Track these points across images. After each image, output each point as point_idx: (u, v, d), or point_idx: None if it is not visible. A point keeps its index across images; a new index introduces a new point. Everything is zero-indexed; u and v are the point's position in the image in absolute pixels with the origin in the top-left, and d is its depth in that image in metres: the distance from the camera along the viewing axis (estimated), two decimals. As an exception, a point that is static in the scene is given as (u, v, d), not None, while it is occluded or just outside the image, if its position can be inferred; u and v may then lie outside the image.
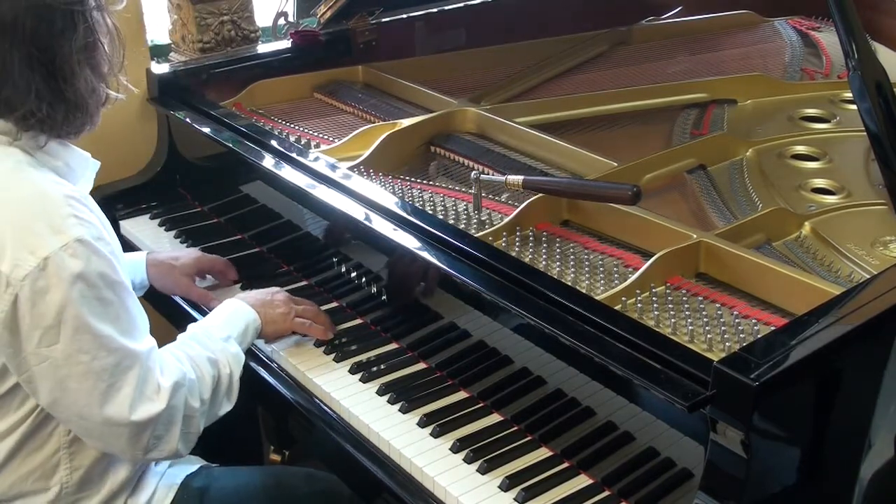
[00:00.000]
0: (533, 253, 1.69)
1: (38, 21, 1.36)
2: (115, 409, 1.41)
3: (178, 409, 1.48)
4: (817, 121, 2.22)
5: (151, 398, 1.45)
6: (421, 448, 1.53)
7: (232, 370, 1.60)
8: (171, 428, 1.48)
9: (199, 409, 1.53)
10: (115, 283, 1.42)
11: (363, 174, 1.94)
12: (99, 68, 1.45)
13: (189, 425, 1.51)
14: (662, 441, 1.40)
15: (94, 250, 1.38)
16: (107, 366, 1.40)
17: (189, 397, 1.51)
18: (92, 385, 1.40)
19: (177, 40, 2.66)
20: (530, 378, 1.56)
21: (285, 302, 1.76)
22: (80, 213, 1.40)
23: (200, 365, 1.55)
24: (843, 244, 1.69)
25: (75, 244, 1.36)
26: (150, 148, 2.38)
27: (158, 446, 1.48)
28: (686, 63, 2.55)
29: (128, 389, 1.42)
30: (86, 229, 1.39)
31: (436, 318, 1.72)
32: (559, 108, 2.25)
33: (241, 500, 1.67)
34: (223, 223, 2.26)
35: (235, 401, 1.62)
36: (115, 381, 1.41)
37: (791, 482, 1.35)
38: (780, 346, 1.27)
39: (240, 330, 1.67)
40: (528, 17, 2.74)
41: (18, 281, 1.35)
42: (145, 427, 1.45)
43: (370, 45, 2.55)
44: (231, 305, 1.72)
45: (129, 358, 1.42)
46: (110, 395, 1.41)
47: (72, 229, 1.37)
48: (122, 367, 1.41)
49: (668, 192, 1.92)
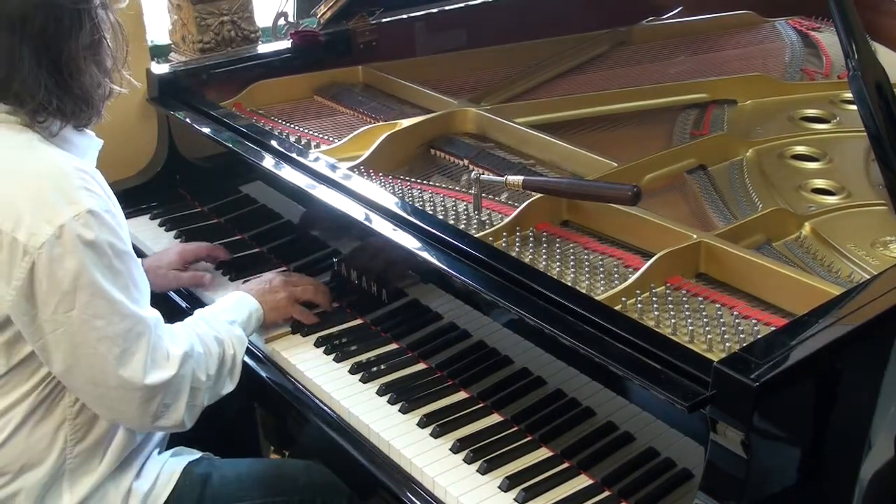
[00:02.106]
0: (533, 253, 1.69)
1: (47, 19, 1.42)
2: (130, 372, 1.46)
3: (186, 379, 1.53)
4: (817, 121, 2.22)
5: (162, 365, 1.50)
6: (421, 448, 1.53)
7: (236, 351, 1.65)
8: (179, 396, 1.53)
9: (205, 384, 1.57)
10: (123, 253, 1.47)
11: (363, 174, 1.94)
12: (104, 64, 1.51)
13: (195, 397, 1.56)
14: (662, 441, 1.40)
15: (104, 221, 1.44)
16: (120, 331, 1.45)
17: (196, 369, 1.56)
18: (107, 349, 1.45)
19: (177, 40, 2.66)
20: (530, 378, 1.56)
21: (284, 286, 1.82)
22: (90, 186, 1.46)
23: (207, 342, 1.60)
24: (843, 244, 1.69)
25: (87, 215, 1.42)
26: (150, 148, 2.38)
27: (166, 414, 1.53)
28: (686, 63, 2.55)
29: (141, 354, 1.47)
30: (96, 201, 1.44)
31: (436, 318, 1.72)
32: (559, 109, 2.25)
33: (241, 487, 1.70)
34: (223, 223, 2.26)
35: (237, 381, 1.66)
36: (129, 345, 1.46)
37: (791, 482, 1.35)
38: (780, 346, 1.27)
39: (244, 317, 1.73)
40: (529, 18, 2.74)
41: (36, 249, 1.40)
42: (156, 392, 1.49)
43: (370, 45, 2.55)
44: (235, 295, 1.78)
45: (141, 324, 1.48)
46: (125, 359, 1.46)
47: (84, 200, 1.43)
48: (134, 333, 1.47)
49: (668, 193, 1.92)
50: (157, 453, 1.69)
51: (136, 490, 1.62)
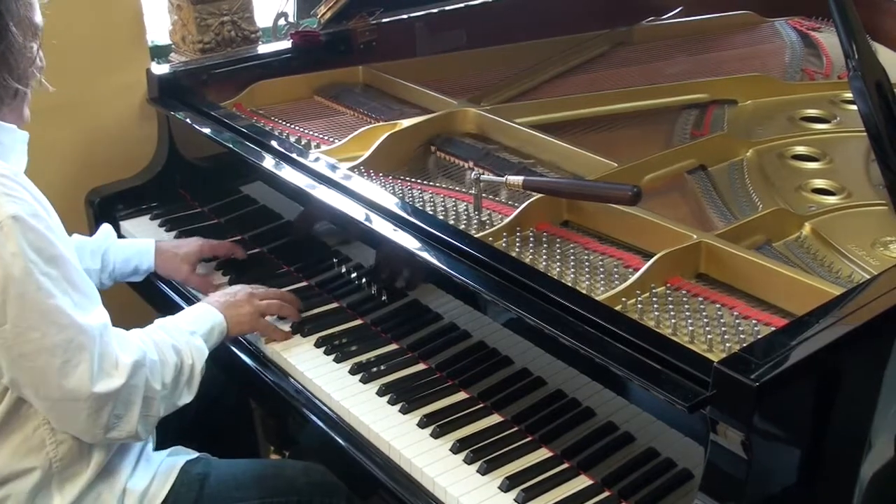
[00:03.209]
0: (533, 253, 1.69)
1: None
2: (75, 382, 1.42)
3: (138, 388, 1.49)
4: (817, 121, 2.22)
5: (110, 373, 1.45)
6: (421, 448, 1.53)
7: (195, 362, 1.61)
8: (130, 407, 1.49)
9: (160, 393, 1.53)
10: (55, 258, 1.42)
11: (363, 175, 1.94)
12: (7, 60, 1.46)
13: (149, 407, 1.52)
14: (663, 442, 1.40)
15: (30, 227, 1.39)
16: (59, 342, 1.41)
17: (150, 378, 1.51)
18: (45, 362, 1.41)
19: (177, 41, 2.66)
20: (530, 378, 1.56)
21: (248, 300, 1.79)
22: (11, 192, 1.40)
23: (164, 350, 1.57)
24: (843, 245, 1.69)
25: (10, 221, 1.37)
26: (151, 148, 2.38)
27: (118, 425, 1.49)
28: (686, 63, 2.55)
29: (85, 365, 1.42)
30: (18, 206, 1.39)
31: (436, 318, 1.72)
32: (559, 109, 2.25)
33: (239, 487, 1.68)
34: (223, 224, 2.26)
35: (195, 393, 1.62)
36: (70, 357, 1.42)
37: (791, 482, 1.34)
38: (780, 346, 1.27)
39: (205, 329, 1.69)
40: (528, 18, 2.74)
41: None
42: (105, 401, 1.45)
43: (370, 45, 2.55)
44: (199, 307, 1.75)
45: (82, 334, 1.42)
46: (66, 370, 1.41)
47: (4, 207, 1.38)
48: (75, 344, 1.42)
49: (668, 193, 1.92)
50: (152, 450, 1.68)
51: (132, 490, 1.60)
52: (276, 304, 1.82)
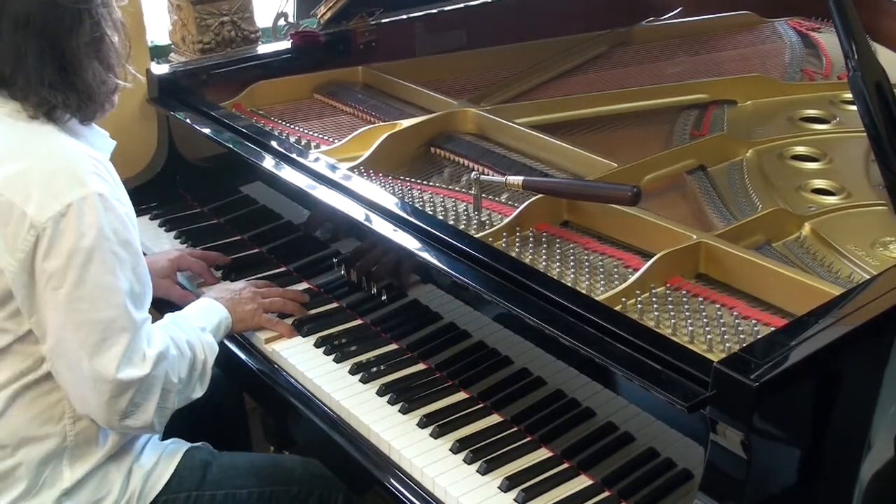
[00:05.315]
0: (533, 254, 1.69)
1: (48, 17, 1.47)
2: (103, 363, 1.46)
3: (158, 379, 1.53)
4: (817, 121, 2.22)
5: (137, 364, 1.50)
6: (421, 448, 1.53)
7: (206, 357, 1.65)
8: (149, 397, 1.52)
9: (176, 386, 1.57)
10: (127, 243, 1.49)
11: (363, 175, 1.94)
12: (107, 60, 1.55)
13: (166, 399, 1.56)
14: (662, 442, 1.40)
15: (111, 207, 1.47)
16: (103, 318, 1.46)
17: (169, 371, 1.56)
18: (85, 335, 1.45)
19: (177, 41, 2.66)
20: (530, 378, 1.56)
21: (253, 298, 1.83)
22: (101, 173, 1.49)
23: (180, 345, 1.61)
24: (843, 245, 1.69)
25: (95, 197, 1.45)
26: (150, 148, 2.37)
27: (135, 414, 1.52)
28: (686, 64, 2.55)
29: (118, 348, 1.47)
30: (106, 187, 1.48)
31: (436, 318, 1.72)
32: (559, 109, 2.25)
33: (240, 475, 1.71)
34: (223, 224, 2.26)
35: (207, 387, 1.66)
36: (108, 336, 1.46)
37: (791, 482, 1.35)
38: (780, 346, 1.27)
39: (213, 324, 1.73)
40: (528, 18, 2.74)
41: (41, 223, 1.43)
42: (127, 388, 1.49)
43: (370, 45, 2.55)
44: (205, 301, 1.79)
45: (126, 319, 1.48)
46: (100, 349, 1.46)
47: (93, 184, 1.46)
48: (117, 326, 1.47)
49: (668, 193, 1.92)
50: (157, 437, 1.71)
51: (137, 470, 1.63)
52: (280, 302, 1.85)
